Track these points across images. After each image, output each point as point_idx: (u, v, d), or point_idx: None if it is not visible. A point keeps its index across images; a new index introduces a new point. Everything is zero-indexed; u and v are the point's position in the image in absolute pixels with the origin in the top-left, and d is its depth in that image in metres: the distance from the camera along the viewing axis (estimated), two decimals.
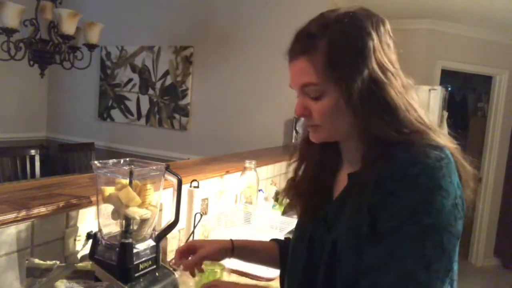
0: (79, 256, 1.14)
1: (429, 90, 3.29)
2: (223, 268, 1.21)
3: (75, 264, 0.92)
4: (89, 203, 1.13)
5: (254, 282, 1.32)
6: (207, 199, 1.69)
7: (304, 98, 0.74)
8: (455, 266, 0.69)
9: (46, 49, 2.64)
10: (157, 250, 1.10)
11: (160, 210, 1.28)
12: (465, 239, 4.17)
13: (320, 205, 0.82)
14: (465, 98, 5.42)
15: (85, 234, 1.15)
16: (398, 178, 0.64)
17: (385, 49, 0.71)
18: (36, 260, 0.91)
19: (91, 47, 2.74)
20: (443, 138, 0.70)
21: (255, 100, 3.45)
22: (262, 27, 3.41)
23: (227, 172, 1.83)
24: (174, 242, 1.44)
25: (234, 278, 1.33)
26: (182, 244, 1.43)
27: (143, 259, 1.05)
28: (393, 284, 0.62)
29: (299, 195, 0.87)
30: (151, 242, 1.09)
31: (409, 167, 0.64)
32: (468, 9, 3.32)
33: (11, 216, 0.93)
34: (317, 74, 0.70)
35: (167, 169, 1.11)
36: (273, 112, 3.36)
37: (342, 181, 0.79)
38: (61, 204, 1.05)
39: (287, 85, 0.79)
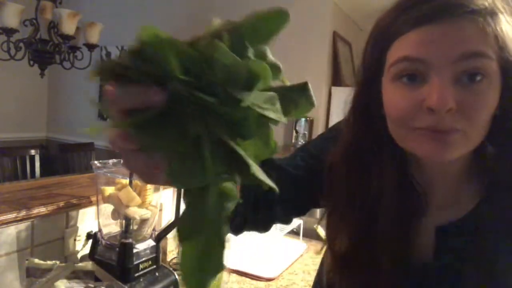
0: (79, 256, 1.14)
1: None
2: None
3: (75, 264, 0.92)
4: (89, 203, 1.13)
5: (254, 282, 1.32)
6: None
7: (450, 82, 0.46)
8: None
9: (46, 49, 2.64)
10: (157, 250, 1.10)
11: (160, 210, 1.28)
12: None
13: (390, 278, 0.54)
14: None
15: (85, 234, 1.15)
16: None
17: None
18: (36, 260, 0.91)
19: (91, 47, 2.74)
20: None
21: None
22: None
23: None
24: (174, 242, 1.44)
25: (234, 278, 1.33)
26: None
27: (143, 259, 1.05)
28: None
29: (349, 267, 0.58)
30: (151, 242, 1.09)
31: None
32: None
33: (11, 216, 0.93)
34: (489, 46, 0.46)
35: None
36: None
37: (423, 240, 0.55)
38: (61, 204, 1.05)
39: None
